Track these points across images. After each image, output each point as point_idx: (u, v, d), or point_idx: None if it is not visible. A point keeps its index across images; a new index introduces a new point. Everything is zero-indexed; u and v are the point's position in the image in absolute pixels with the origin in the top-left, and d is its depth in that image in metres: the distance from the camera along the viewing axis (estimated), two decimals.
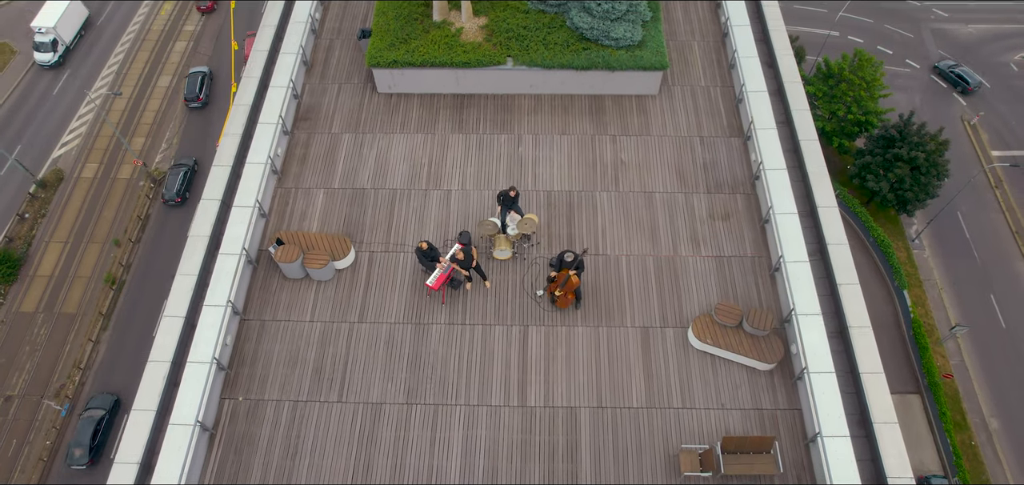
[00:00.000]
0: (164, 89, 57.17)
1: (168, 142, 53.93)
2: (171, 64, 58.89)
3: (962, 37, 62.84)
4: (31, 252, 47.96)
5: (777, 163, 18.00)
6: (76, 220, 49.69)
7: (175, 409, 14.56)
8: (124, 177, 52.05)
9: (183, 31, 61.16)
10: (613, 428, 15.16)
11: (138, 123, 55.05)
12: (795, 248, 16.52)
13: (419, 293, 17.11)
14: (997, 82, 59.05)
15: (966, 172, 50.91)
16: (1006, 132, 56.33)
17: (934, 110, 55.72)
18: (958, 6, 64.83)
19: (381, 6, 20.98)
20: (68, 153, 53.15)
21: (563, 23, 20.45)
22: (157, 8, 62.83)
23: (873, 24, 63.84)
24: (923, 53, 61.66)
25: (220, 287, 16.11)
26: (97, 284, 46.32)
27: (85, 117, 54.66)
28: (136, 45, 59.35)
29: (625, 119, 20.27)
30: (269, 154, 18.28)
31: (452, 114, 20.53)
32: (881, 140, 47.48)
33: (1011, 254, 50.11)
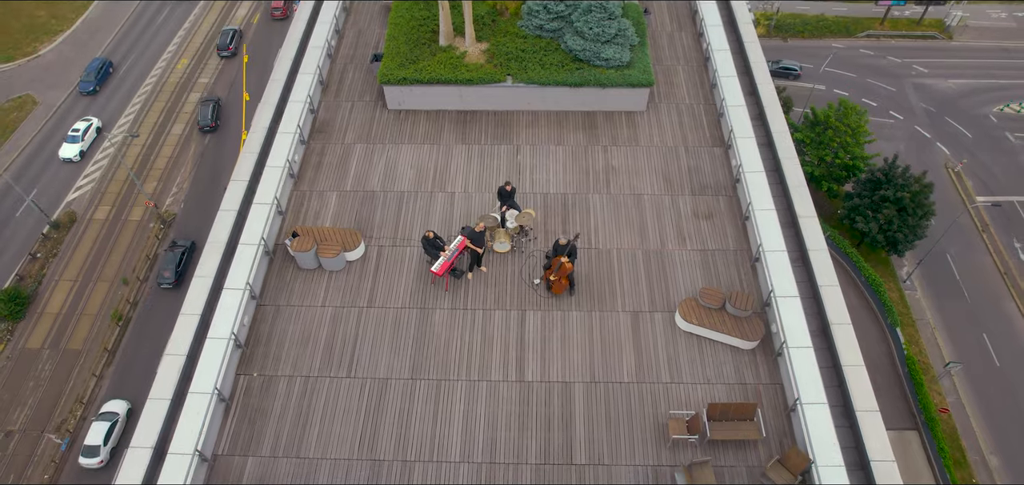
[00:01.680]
0: (177, 136, 59.45)
1: (178, 186, 55.77)
2: (185, 113, 61.37)
3: (942, 91, 65.68)
4: (40, 290, 49.05)
5: (755, 167, 19.53)
6: (86, 260, 50.97)
7: (194, 379, 15.59)
8: (135, 219, 53.64)
9: (198, 83, 63.93)
10: (605, 401, 16.11)
11: (151, 167, 57.06)
12: (773, 239, 17.83)
13: (424, 282, 18.33)
14: (979, 132, 61.47)
15: (952, 217, 52.52)
16: (989, 179, 58.29)
17: (919, 158, 57.83)
18: (937, 62, 68.03)
19: (392, 31, 23.00)
20: (82, 196, 54.92)
21: (558, 46, 22.40)
22: (175, 61, 65.86)
23: (857, 79, 66.82)
24: (906, 106, 64.33)
25: (239, 273, 17.35)
26: (103, 321, 47.18)
27: (100, 162, 56.71)
28: (153, 94, 61.99)
29: (615, 131, 21.96)
30: (288, 158, 19.85)
31: (456, 127, 22.23)
32: (868, 183, 49.32)
33: (1001, 294, 51.21)
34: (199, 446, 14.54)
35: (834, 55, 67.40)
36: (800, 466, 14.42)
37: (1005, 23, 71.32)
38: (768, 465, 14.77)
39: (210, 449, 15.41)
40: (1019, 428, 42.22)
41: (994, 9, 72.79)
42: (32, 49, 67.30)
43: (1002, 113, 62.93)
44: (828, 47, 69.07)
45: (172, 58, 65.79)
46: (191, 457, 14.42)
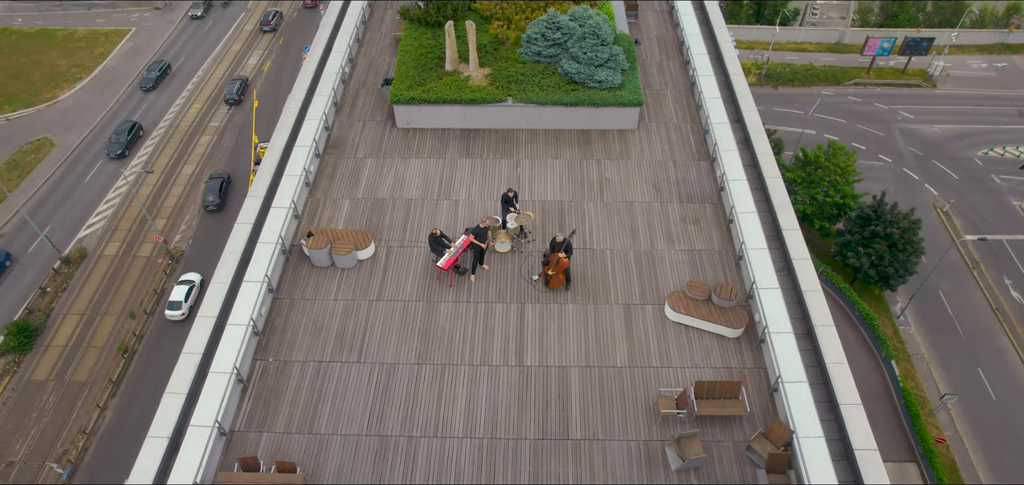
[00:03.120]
0: (187, 176, 61.38)
1: (187, 223, 57.37)
2: (196, 155, 63.45)
3: (928, 135, 68.07)
4: (48, 323, 50.06)
5: (738, 176, 21.05)
6: (94, 294, 52.12)
7: (215, 360, 16.69)
8: (144, 255, 55.02)
9: (209, 126, 66.31)
10: (600, 383, 17.17)
11: (161, 205, 58.79)
12: (754, 238, 19.18)
13: (430, 278, 19.61)
14: (965, 175, 63.51)
15: (943, 254, 53.86)
16: (977, 218, 59.93)
17: (908, 199, 59.62)
18: (922, 109, 70.69)
19: (402, 57, 24.94)
20: (93, 233, 56.47)
21: (555, 70, 24.27)
22: (188, 107, 68.41)
23: (846, 124, 69.30)
24: (894, 149, 66.57)
25: (258, 267, 18.65)
26: (109, 354, 48.02)
27: (112, 201, 58.49)
28: (166, 136, 64.25)
29: (609, 147, 23.60)
30: (304, 167, 21.41)
31: (460, 144, 23.88)
32: (858, 219, 50.91)
33: (994, 329, 52.14)
34: (219, 417, 15.54)
35: (823, 101, 70.08)
36: (782, 437, 15.36)
37: (985, 73, 74.35)
38: (752, 438, 15.71)
39: (228, 425, 16.38)
40: (1017, 460, 42.56)
41: (974, 60, 75.98)
42: (52, 95, 70.08)
43: (987, 156, 65.09)
44: (817, 94, 71.83)
45: (185, 103, 68.38)
46: (211, 429, 15.40)
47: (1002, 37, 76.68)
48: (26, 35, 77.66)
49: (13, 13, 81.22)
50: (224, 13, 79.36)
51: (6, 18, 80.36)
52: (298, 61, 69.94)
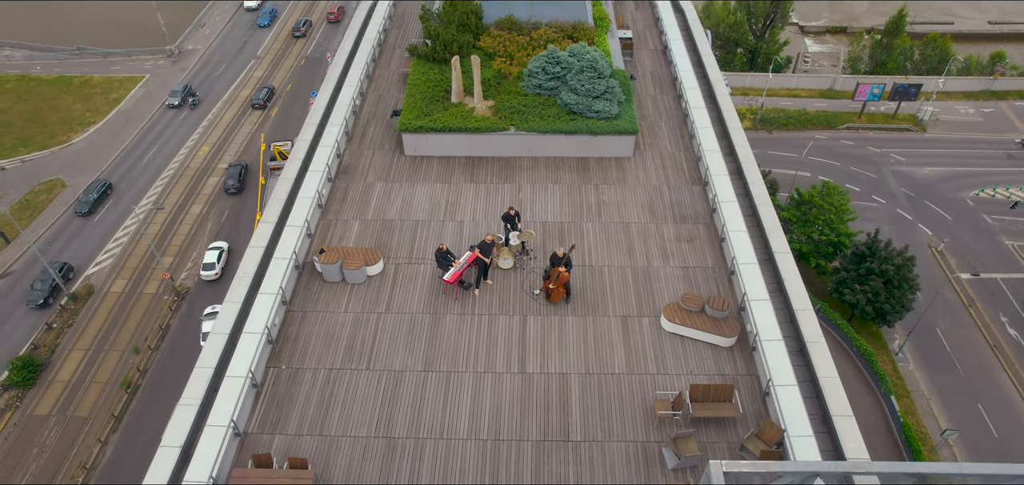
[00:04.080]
0: (195, 216, 62.62)
1: (194, 261, 58.36)
2: (203, 195, 64.84)
3: (920, 177, 69.63)
4: (53, 359, 50.59)
5: (729, 197, 22.20)
6: (100, 330, 52.79)
7: (231, 365, 17.48)
8: (149, 292, 55.89)
9: (217, 168, 67.92)
10: (599, 388, 17.90)
11: (169, 243, 59.89)
12: (745, 253, 20.17)
13: (437, 292, 20.53)
14: (957, 215, 64.80)
15: (939, 295, 54.67)
16: (971, 257, 60.91)
17: (903, 238, 60.78)
18: (913, 152, 72.45)
19: (410, 89, 26.42)
20: (101, 270, 57.44)
21: (555, 102, 25.69)
22: (196, 149, 70.19)
23: (840, 167, 70.96)
24: (887, 191, 68.03)
25: (273, 280, 19.60)
26: (112, 389, 48.41)
27: (121, 239, 59.66)
28: (175, 178, 65.79)
29: (606, 173, 24.82)
30: (317, 189, 22.59)
31: (465, 170, 25.12)
32: (854, 256, 51.91)
33: (992, 366, 52.58)
34: (234, 417, 16.25)
35: (818, 144, 71.95)
36: (774, 437, 16.02)
37: (973, 118, 76.45)
38: (745, 437, 16.37)
39: (242, 427, 17.05)
40: None
41: (961, 105, 78.22)
42: (66, 138, 72.07)
43: (978, 197, 66.50)
44: (811, 138, 73.77)
45: (194, 146, 70.15)
46: (226, 429, 16.09)
47: (988, 84, 79.10)
48: (44, 82, 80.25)
49: (32, 61, 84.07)
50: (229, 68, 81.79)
51: (25, 66, 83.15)
52: (306, 107, 72.28)
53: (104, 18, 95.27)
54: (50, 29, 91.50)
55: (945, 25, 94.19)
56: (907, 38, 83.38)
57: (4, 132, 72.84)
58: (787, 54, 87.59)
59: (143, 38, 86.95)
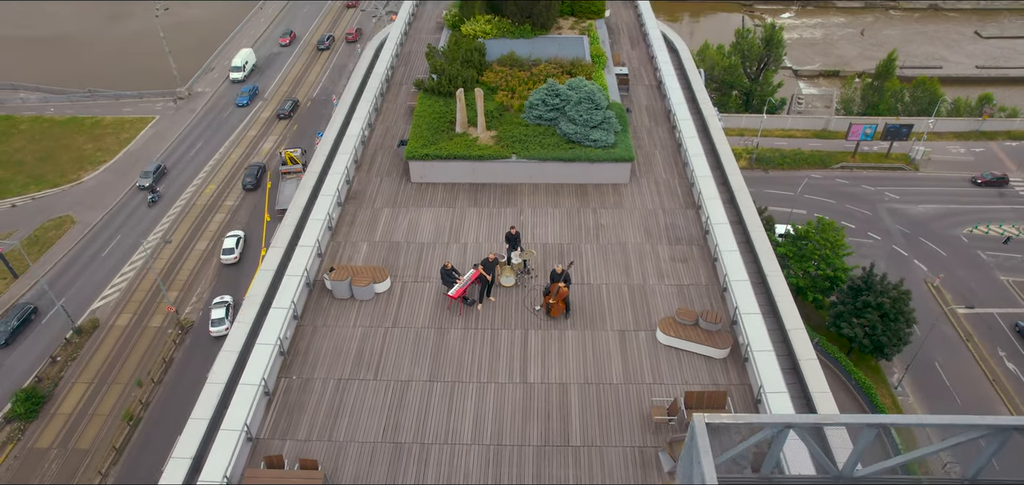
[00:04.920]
0: (201, 251, 63.66)
1: (198, 296, 59.16)
2: (209, 232, 65.97)
3: (914, 214, 70.88)
4: (56, 391, 50.99)
5: (721, 219, 23.25)
6: (104, 363, 53.29)
7: (244, 374, 18.26)
8: (154, 325, 56.57)
9: (223, 205, 69.23)
10: (597, 397, 18.63)
11: (174, 279, 60.77)
12: (737, 271, 21.10)
13: (442, 309, 21.41)
14: (952, 251, 65.82)
15: (937, 329, 55.29)
16: (967, 292, 61.69)
17: (899, 274, 61.87)
18: (906, 190, 73.89)
19: (417, 120, 27.76)
20: (107, 304, 58.21)
21: (554, 131, 27.00)
22: (203, 186, 71.59)
23: (835, 204, 72.28)
24: (883, 228, 69.19)
25: (285, 296, 20.51)
26: (114, 422, 48.72)
27: (127, 274, 60.59)
28: (182, 214, 67.04)
29: (603, 198, 25.96)
30: (328, 212, 23.66)
31: (469, 195, 26.27)
32: (850, 290, 52.72)
33: (991, 399, 52.90)
34: (248, 421, 16.95)
35: (813, 183, 73.49)
36: None
37: (964, 157, 78.15)
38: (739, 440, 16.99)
39: (254, 432, 17.73)
40: None
41: (952, 145, 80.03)
42: (77, 176, 73.66)
43: (972, 234, 67.60)
44: (806, 176, 75.34)
45: (202, 183, 71.61)
46: (240, 433, 16.78)
47: (977, 125, 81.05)
48: (57, 122, 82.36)
49: (46, 103, 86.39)
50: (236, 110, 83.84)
51: (40, 107, 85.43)
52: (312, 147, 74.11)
53: (118, 62, 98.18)
54: (65, 72, 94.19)
55: (934, 69, 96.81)
56: (897, 81, 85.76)
57: (17, 171, 74.51)
58: (781, 96, 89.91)
59: (155, 81, 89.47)
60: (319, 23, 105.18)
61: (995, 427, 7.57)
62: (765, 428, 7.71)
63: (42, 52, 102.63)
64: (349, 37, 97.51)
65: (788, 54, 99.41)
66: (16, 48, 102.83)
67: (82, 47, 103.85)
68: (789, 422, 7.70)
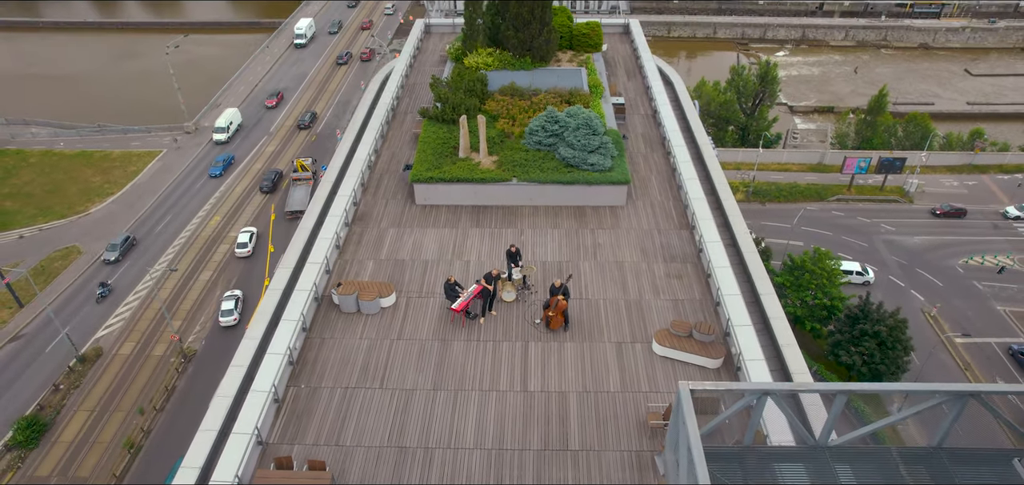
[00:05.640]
0: (205, 282, 64.36)
1: (202, 325, 59.70)
2: (213, 262, 66.74)
3: (910, 246, 71.77)
4: (58, 419, 51.21)
5: (714, 238, 24.17)
6: (106, 391, 53.60)
7: (255, 380, 18.96)
8: (157, 354, 57.00)
9: (228, 236, 70.12)
10: (595, 404, 19.29)
11: (178, 308, 61.37)
12: (729, 286, 21.94)
13: (445, 322, 22.19)
14: (948, 281, 66.53)
15: (935, 357, 55.68)
16: (964, 322, 62.20)
17: (895, 304, 62.41)
18: (901, 222, 74.93)
19: (422, 145, 28.94)
20: (111, 333, 58.74)
21: (553, 156, 28.13)
22: (208, 219, 72.63)
23: (832, 236, 73.22)
24: (879, 259, 70.02)
25: (295, 308, 21.33)
26: (115, 450, 48.85)
27: (131, 303, 61.23)
28: (187, 246, 67.89)
29: (601, 219, 26.95)
30: (336, 231, 24.61)
31: (472, 216, 27.29)
32: (848, 319, 53.29)
33: (991, 426, 52.90)
34: (258, 424, 17.60)
35: (810, 215, 74.57)
36: None
37: (957, 190, 79.41)
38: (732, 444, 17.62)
39: (264, 437, 18.35)
40: None
41: (945, 178, 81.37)
42: (84, 208, 74.85)
43: (968, 265, 68.41)
44: (802, 209, 76.48)
45: (206, 216, 72.63)
46: (251, 436, 17.42)
47: (969, 158, 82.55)
48: (66, 156, 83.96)
49: (57, 137, 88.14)
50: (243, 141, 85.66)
51: (50, 141, 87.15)
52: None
53: (127, 98, 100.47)
54: (76, 109, 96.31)
55: (926, 105, 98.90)
56: (890, 116, 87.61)
57: (25, 203, 75.75)
58: (777, 130, 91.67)
59: (163, 116, 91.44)
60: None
61: (954, 392, 8.34)
62: (746, 395, 8.47)
63: (54, 89, 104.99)
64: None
65: (783, 90, 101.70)
66: (29, 86, 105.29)
67: (93, 84, 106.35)
68: (767, 389, 8.46)
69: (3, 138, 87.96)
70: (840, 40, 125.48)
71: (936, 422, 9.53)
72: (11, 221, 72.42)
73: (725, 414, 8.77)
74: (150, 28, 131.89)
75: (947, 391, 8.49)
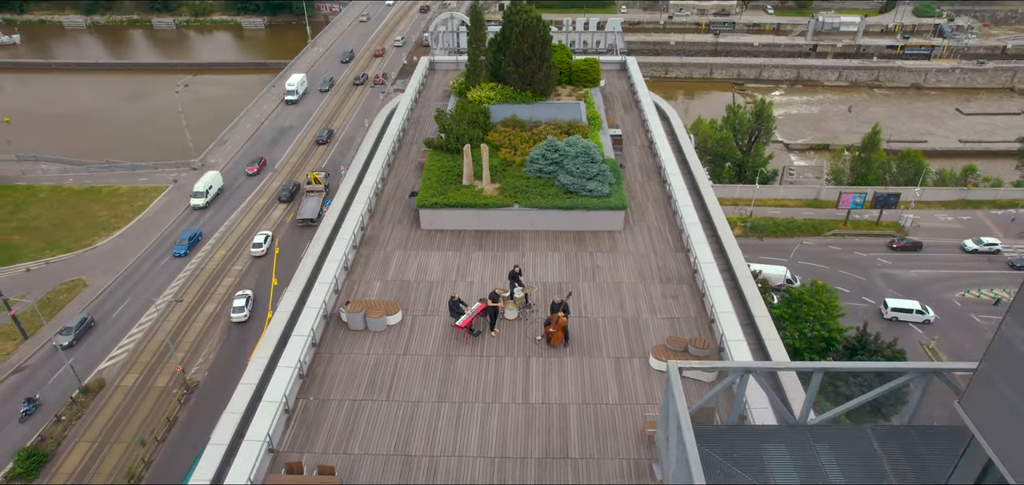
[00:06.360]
0: (209, 314, 64.98)
1: (205, 357, 60.19)
2: (218, 295, 67.44)
3: (907, 279, 72.60)
4: (59, 451, 51.34)
5: (708, 259, 25.11)
6: (107, 422, 53.82)
7: (267, 391, 19.69)
8: (160, 385, 57.34)
9: (232, 270, 70.94)
10: (595, 415, 19.95)
11: (182, 340, 61.87)
12: (723, 304, 22.79)
13: (450, 339, 22.98)
14: (946, 315, 67.17)
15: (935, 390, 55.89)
16: (963, 354, 62.62)
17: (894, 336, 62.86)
18: (897, 256, 75.89)
19: (427, 173, 30.11)
20: (114, 364, 59.16)
21: (553, 183, 29.29)
22: (212, 253, 73.52)
23: (829, 270, 74.08)
24: (876, 292, 70.75)
25: (305, 324, 22.14)
26: (116, 480, 48.77)
27: (135, 335, 61.77)
28: (190, 279, 68.64)
29: (599, 242, 27.95)
30: (344, 252, 25.58)
31: (475, 240, 28.29)
32: (846, 350, 53.78)
33: None
34: (270, 432, 18.27)
35: (807, 249, 75.59)
36: None
37: (952, 225, 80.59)
38: None
39: (275, 445, 18.98)
40: None
41: (940, 213, 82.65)
42: (90, 242, 75.91)
43: (964, 298, 69.14)
44: (799, 243, 77.53)
45: (211, 249, 73.56)
46: (263, 443, 18.08)
47: (963, 194, 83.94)
48: (75, 191, 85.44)
49: (66, 174, 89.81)
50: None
51: (59, 178, 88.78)
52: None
53: (135, 136, 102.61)
54: (85, 146, 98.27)
55: (920, 143, 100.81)
56: (884, 153, 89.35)
57: (33, 236, 76.87)
58: (773, 167, 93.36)
59: (170, 153, 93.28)
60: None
61: (919, 370, 9.18)
62: (730, 373, 9.30)
63: (65, 127, 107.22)
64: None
65: (779, 129, 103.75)
66: (42, 124, 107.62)
67: (103, 123, 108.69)
68: (749, 367, 9.30)
69: (14, 174, 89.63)
70: (834, 80, 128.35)
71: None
72: (19, 254, 73.44)
73: (713, 391, 9.58)
74: (159, 69, 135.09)
75: (914, 369, 9.32)
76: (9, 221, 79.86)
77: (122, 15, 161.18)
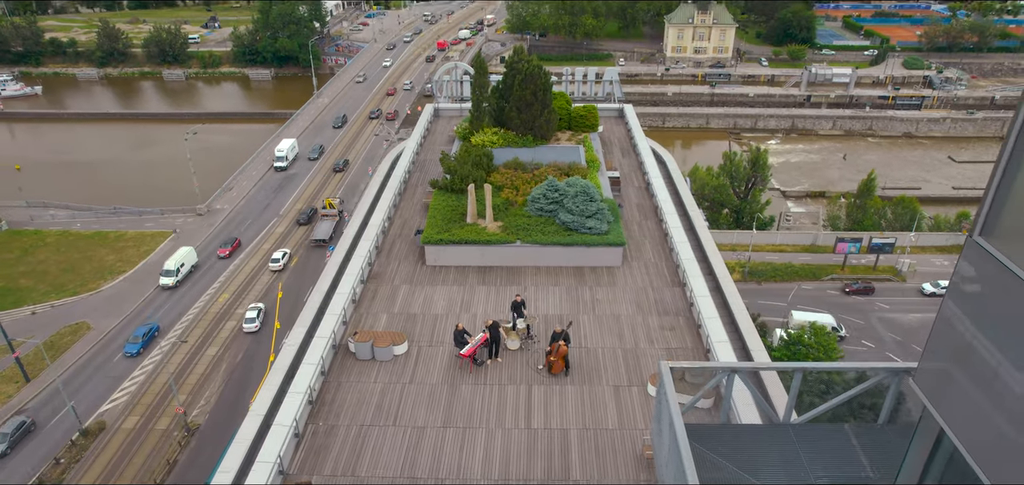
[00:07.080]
0: (211, 357, 65.36)
1: (207, 400, 60.39)
2: (220, 339, 67.93)
3: (906, 323, 73.15)
4: None
5: (703, 292, 26.04)
6: (106, 466, 53.73)
7: (279, 414, 20.37)
8: (160, 428, 57.41)
9: (235, 313, 71.60)
10: (595, 439, 20.58)
11: (184, 382, 62.12)
12: (719, 334, 23.60)
13: (454, 368, 23.72)
14: None
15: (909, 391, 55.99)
16: None
17: None
18: (895, 300, 76.63)
19: (433, 212, 31.32)
20: (115, 407, 59.32)
21: (554, 221, 30.45)
22: (216, 296, 74.28)
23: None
24: (876, 336, 71.24)
25: (315, 353, 22.93)
26: None
27: (137, 378, 62.10)
28: (194, 322, 69.23)
29: (598, 277, 28.93)
30: (352, 286, 26.54)
31: (478, 275, 29.28)
32: None
33: None
34: (280, 453, 18.89)
35: (805, 293, 76.38)
36: None
37: (947, 269, 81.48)
38: None
39: (284, 466, 19.56)
40: None
41: (936, 258, 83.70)
42: (95, 286, 76.79)
43: None
44: (796, 287, 78.38)
45: (215, 293, 74.31)
46: (273, 465, 18.68)
47: (958, 239, 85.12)
48: (82, 236, 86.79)
49: (74, 219, 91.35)
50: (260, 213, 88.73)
51: (67, 223, 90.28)
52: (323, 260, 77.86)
53: (143, 182, 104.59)
54: (93, 192, 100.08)
55: (914, 190, 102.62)
56: (879, 200, 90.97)
57: (40, 280, 77.81)
58: (770, 213, 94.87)
59: (176, 198, 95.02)
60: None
61: (891, 369, 10.04)
62: (718, 372, 10.17)
63: (75, 174, 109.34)
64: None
65: (776, 176, 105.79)
66: (52, 172, 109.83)
67: (111, 170, 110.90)
68: (734, 367, 10.16)
69: (23, 219, 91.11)
70: (828, 129, 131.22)
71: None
72: (25, 297, 74.25)
73: (702, 389, 10.43)
74: (167, 118, 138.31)
75: (886, 368, 10.19)
76: (17, 265, 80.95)
77: (134, 67, 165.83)
